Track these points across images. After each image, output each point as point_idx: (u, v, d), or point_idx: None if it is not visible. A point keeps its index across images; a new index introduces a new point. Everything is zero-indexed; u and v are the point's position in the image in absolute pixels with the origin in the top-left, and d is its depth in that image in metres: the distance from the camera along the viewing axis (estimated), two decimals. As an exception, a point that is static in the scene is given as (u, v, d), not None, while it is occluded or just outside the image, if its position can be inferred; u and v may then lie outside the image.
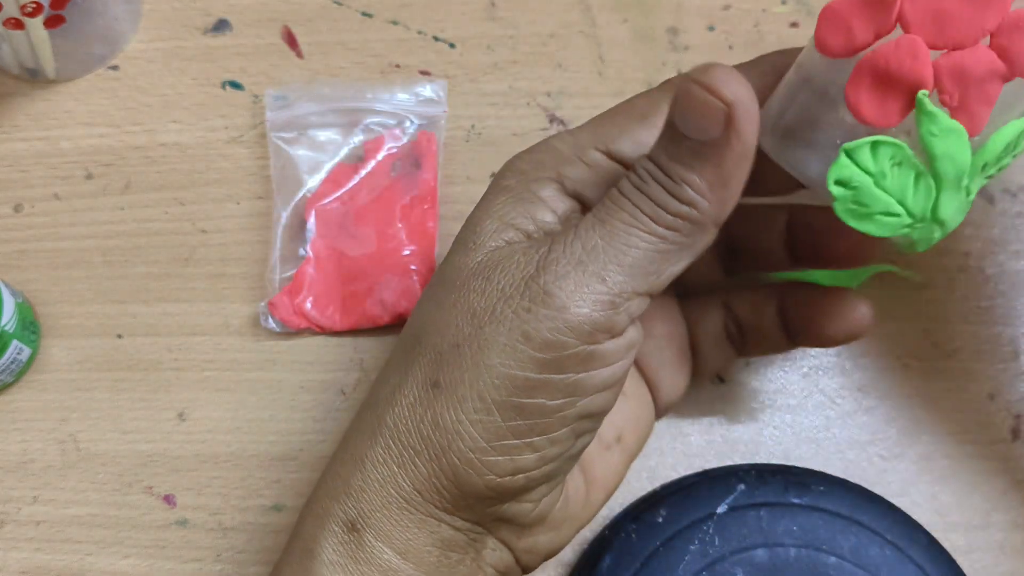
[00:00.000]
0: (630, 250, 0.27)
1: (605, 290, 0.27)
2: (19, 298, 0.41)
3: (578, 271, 0.27)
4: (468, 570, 0.31)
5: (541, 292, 0.27)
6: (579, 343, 0.27)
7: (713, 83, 0.26)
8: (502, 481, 0.29)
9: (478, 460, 0.28)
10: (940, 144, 0.27)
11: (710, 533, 0.37)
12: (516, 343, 0.27)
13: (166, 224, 0.44)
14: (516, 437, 0.28)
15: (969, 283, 0.43)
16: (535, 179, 0.30)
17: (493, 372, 0.28)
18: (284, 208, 0.43)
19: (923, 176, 0.28)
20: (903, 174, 0.28)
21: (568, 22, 0.47)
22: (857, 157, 0.27)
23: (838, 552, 0.37)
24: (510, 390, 0.28)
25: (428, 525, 0.29)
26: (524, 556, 0.32)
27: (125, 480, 0.41)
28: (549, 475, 0.30)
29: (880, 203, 0.28)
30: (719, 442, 0.41)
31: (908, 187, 0.28)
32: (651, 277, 0.28)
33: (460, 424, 0.28)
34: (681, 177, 0.27)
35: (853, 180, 0.28)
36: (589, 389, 0.28)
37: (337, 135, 0.44)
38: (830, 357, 0.42)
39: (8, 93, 0.46)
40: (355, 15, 0.47)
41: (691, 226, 0.28)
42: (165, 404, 0.42)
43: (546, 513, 0.31)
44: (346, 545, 0.29)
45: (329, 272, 0.43)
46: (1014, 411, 0.41)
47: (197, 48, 0.47)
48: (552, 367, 0.28)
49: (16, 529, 0.41)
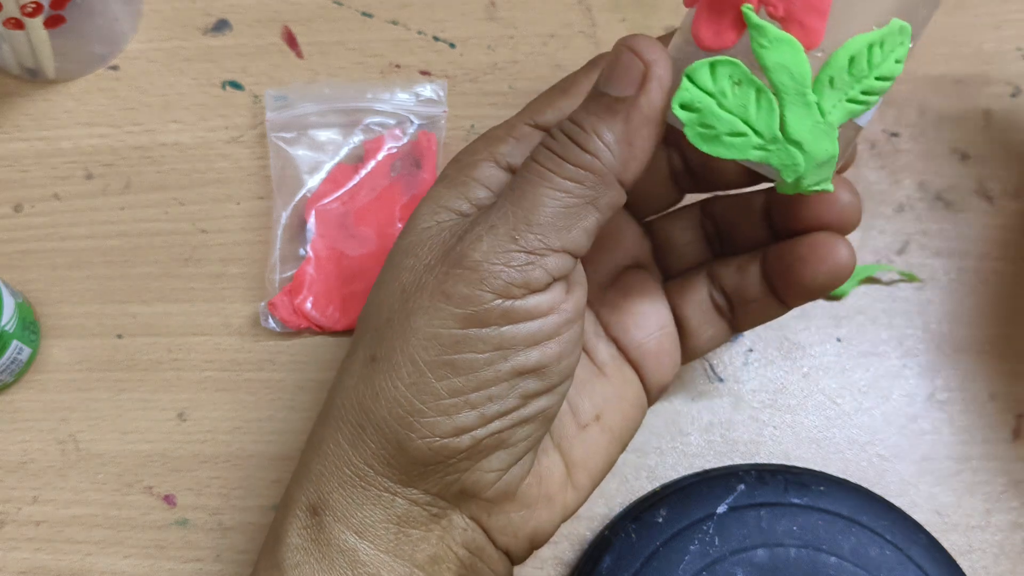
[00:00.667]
0: (537, 208, 0.29)
1: (516, 248, 0.28)
2: (19, 298, 0.41)
3: (491, 234, 0.29)
4: (433, 548, 0.31)
5: (458, 255, 0.29)
6: (495, 297, 0.28)
7: (637, 46, 0.29)
8: (446, 442, 0.29)
9: (417, 423, 0.29)
10: (771, 55, 0.27)
11: (710, 533, 0.37)
12: (437, 304, 0.29)
13: (166, 224, 0.44)
14: (451, 395, 0.29)
15: (969, 283, 0.43)
16: (468, 163, 0.32)
17: (419, 334, 0.29)
18: (284, 208, 0.43)
19: (763, 92, 0.28)
20: (744, 92, 0.28)
21: (568, 22, 0.47)
22: (697, 79, 0.28)
23: (838, 552, 0.37)
24: (437, 348, 0.29)
25: (383, 501, 0.30)
26: (500, 537, 0.32)
27: (125, 480, 0.41)
28: (502, 439, 0.30)
29: (724, 123, 0.28)
30: (719, 442, 0.41)
31: (750, 104, 0.28)
32: (562, 233, 0.29)
33: (396, 391, 0.29)
34: (592, 127, 0.29)
35: (695, 102, 0.28)
36: (517, 342, 0.29)
37: (337, 135, 0.44)
38: (830, 357, 0.42)
39: (8, 93, 0.46)
40: (355, 15, 0.47)
41: (594, 178, 0.29)
42: (165, 404, 0.42)
43: (512, 487, 0.31)
44: (309, 529, 0.30)
45: (329, 272, 0.43)
46: (1014, 411, 0.41)
47: (197, 48, 0.47)
48: (473, 321, 0.28)
49: (16, 529, 0.41)
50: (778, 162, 0.29)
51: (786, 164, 0.29)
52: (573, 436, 0.34)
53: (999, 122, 0.45)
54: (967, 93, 0.46)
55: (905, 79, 0.46)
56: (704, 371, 0.42)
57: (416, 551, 0.30)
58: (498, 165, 0.31)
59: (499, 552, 0.32)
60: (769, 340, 0.43)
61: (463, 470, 0.30)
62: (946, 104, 0.46)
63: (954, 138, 0.45)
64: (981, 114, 0.45)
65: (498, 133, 0.32)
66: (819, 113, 0.28)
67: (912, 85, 0.46)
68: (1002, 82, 0.46)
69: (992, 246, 0.43)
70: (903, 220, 0.44)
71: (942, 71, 0.46)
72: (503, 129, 0.32)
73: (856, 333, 0.42)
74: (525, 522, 0.32)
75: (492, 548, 0.32)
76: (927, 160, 0.45)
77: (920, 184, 0.44)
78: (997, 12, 0.47)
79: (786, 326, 0.43)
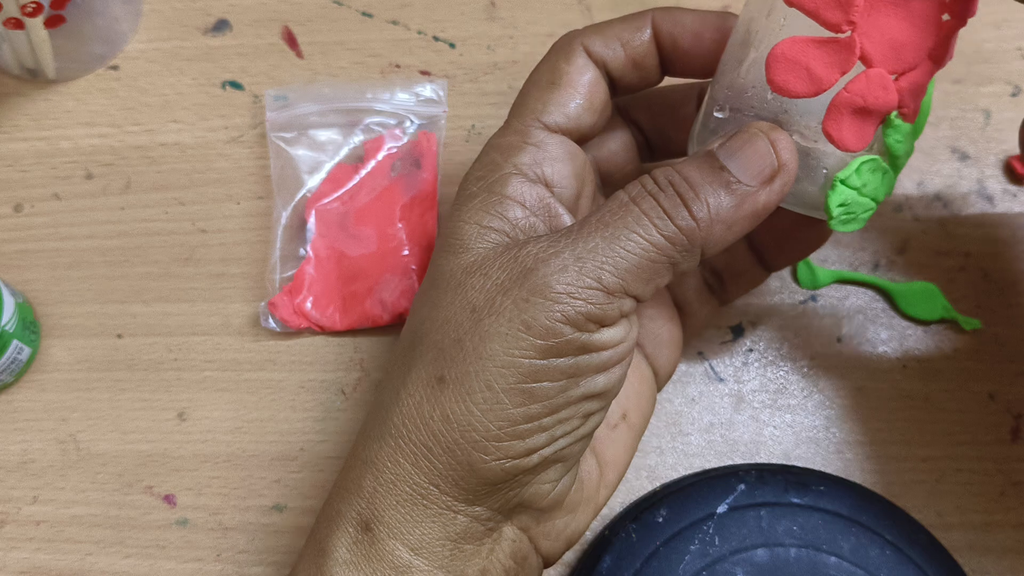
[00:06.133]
0: (628, 254, 0.29)
1: (599, 287, 0.29)
2: (19, 298, 0.42)
3: (576, 266, 0.29)
4: (483, 562, 0.31)
5: (540, 284, 0.29)
6: (574, 331, 0.29)
7: (778, 142, 0.30)
8: (517, 463, 0.29)
9: (493, 447, 0.29)
10: (903, 146, 0.32)
11: (710, 533, 0.37)
12: (517, 332, 0.29)
13: (166, 224, 0.44)
14: (526, 421, 0.29)
15: (969, 283, 0.43)
16: (495, 180, 0.32)
17: (497, 361, 0.29)
18: (284, 208, 0.43)
19: (888, 172, 0.32)
20: (877, 178, 0.32)
21: (568, 22, 0.47)
22: (850, 182, 0.31)
23: (838, 552, 0.37)
24: (516, 377, 0.29)
25: (443, 518, 0.30)
26: (544, 542, 0.33)
27: (125, 480, 0.41)
28: (563, 455, 0.31)
29: (863, 207, 0.32)
30: (719, 442, 0.41)
31: (881, 185, 0.32)
32: (640, 284, 0.29)
33: (471, 415, 0.29)
34: (705, 197, 0.29)
35: (847, 200, 0.31)
36: (589, 370, 0.30)
37: (337, 135, 0.44)
38: (830, 357, 0.42)
39: (8, 93, 0.46)
40: (355, 15, 0.47)
41: (687, 243, 0.29)
42: (165, 404, 0.42)
43: (563, 496, 0.32)
44: (359, 544, 0.30)
45: (329, 272, 0.43)
46: (1014, 411, 0.41)
47: (197, 48, 0.47)
48: (552, 352, 0.29)
49: (16, 529, 0.41)
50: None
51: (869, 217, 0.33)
52: (605, 437, 0.35)
53: (999, 122, 0.45)
54: (967, 93, 0.46)
55: (905, 79, 0.46)
56: (704, 371, 0.42)
57: (467, 566, 0.31)
58: (526, 178, 0.31)
59: (538, 558, 0.33)
60: (769, 340, 0.43)
61: (524, 484, 0.30)
62: (946, 104, 0.46)
63: (954, 138, 0.45)
64: (981, 114, 0.45)
65: (512, 141, 0.32)
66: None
67: (912, 85, 0.46)
68: (1002, 82, 0.46)
69: (992, 246, 0.43)
70: (903, 220, 0.44)
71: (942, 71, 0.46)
72: (515, 135, 0.32)
73: (856, 333, 0.42)
74: (567, 526, 0.33)
75: (535, 555, 0.33)
76: (927, 160, 0.45)
77: (920, 184, 0.44)
78: (997, 12, 0.47)
79: (786, 326, 0.43)
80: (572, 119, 0.33)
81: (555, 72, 0.33)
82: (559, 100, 0.32)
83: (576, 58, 0.33)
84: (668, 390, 0.42)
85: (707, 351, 0.43)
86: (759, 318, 0.43)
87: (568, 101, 0.32)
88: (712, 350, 0.42)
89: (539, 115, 0.32)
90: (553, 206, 0.32)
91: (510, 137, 0.32)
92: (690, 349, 0.42)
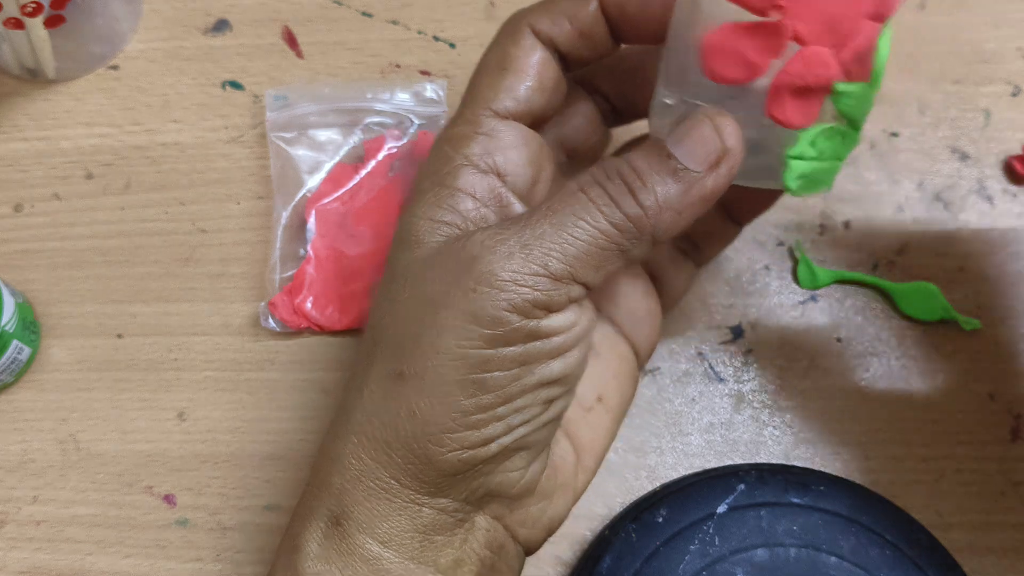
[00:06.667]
0: (575, 241, 0.29)
1: (546, 273, 0.29)
2: (19, 298, 0.42)
3: (522, 253, 0.29)
4: (456, 552, 0.31)
5: (486, 273, 0.29)
6: (521, 318, 0.29)
7: (721, 127, 0.30)
8: (474, 452, 0.29)
9: (447, 439, 0.29)
10: (858, 107, 0.30)
11: (710, 533, 0.37)
12: (465, 323, 0.29)
13: (166, 224, 0.44)
14: (480, 411, 0.29)
15: (969, 283, 0.43)
16: (446, 173, 0.31)
17: (450, 354, 0.29)
18: (284, 208, 0.43)
19: (848, 134, 0.31)
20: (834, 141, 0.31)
21: (568, 22, 0.47)
22: (805, 155, 0.30)
23: (838, 552, 0.37)
24: (467, 368, 0.29)
25: (409, 511, 0.30)
26: (521, 530, 0.33)
27: (125, 480, 0.41)
28: (526, 443, 0.30)
29: (829, 172, 0.31)
30: (719, 442, 0.41)
31: (840, 147, 0.31)
32: (589, 271, 0.29)
33: (427, 409, 0.29)
34: (652, 185, 0.29)
35: (804, 172, 0.31)
36: (541, 357, 0.29)
37: (337, 135, 0.44)
38: (830, 357, 0.42)
39: (8, 93, 0.46)
40: (355, 15, 0.47)
41: (635, 232, 0.29)
42: (165, 404, 0.42)
43: (534, 482, 0.32)
44: (330, 539, 0.30)
45: (329, 272, 0.43)
46: (1014, 411, 0.41)
47: (197, 48, 0.47)
48: (500, 341, 0.29)
49: (16, 529, 0.41)
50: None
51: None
52: (579, 421, 0.35)
53: (999, 122, 0.45)
54: (967, 93, 0.46)
55: (905, 79, 0.46)
56: (704, 371, 0.42)
57: (440, 556, 0.31)
58: (477, 169, 0.31)
59: (517, 547, 0.33)
60: (769, 340, 0.43)
61: (488, 474, 0.30)
62: (946, 104, 0.46)
63: (954, 138, 0.45)
64: (981, 114, 0.45)
65: (463, 131, 0.32)
66: None
67: (912, 85, 0.46)
68: (1002, 82, 0.46)
69: (992, 246, 0.43)
70: (903, 220, 0.44)
71: (942, 71, 0.46)
72: (466, 126, 0.32)
73: (856, 333, 0.42)
74: (543, 512, 0.33)
75: (512, 544, 0.33)
76: (927, 160, 0.45)
77: (920, 184, 0.44)
78: (997, 12, 0.47)
79: (786, 326, 0.43)
80: (523, 103, 0.32)
81: (503, 56, 0.32)
82: (508, 85, 0.32)
83: (523, 40, 0.32)
84: (668, 390, 0.42)
85: (707, 351, 0.43)
86: (759, 318, 0.43)
87: (518, 85, 0.32)
88: (712, 350, 0.42)
89: (489, 103, 0.32)
90: (504, 196, 0.31)
91: (461, 127, 0.32)
92: (690, 349, 0.42)
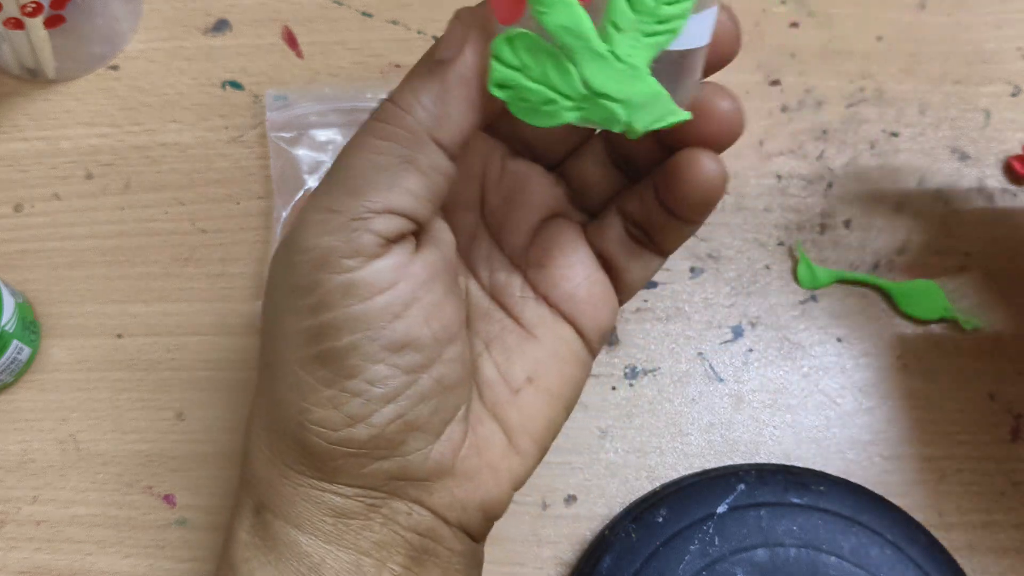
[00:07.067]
0: (351, 170, 0.28)
1: (336, 215, 0.27)
2: (19, 298, 0.41)
3: (314, 208, 0.28)
4: (378, 535, 0.30)
5: (292, 241, 0.28)
6: (330, 274, 0.27)
7: (463, 16, 0.28)
8: (341, 435, 0.28)
9: (307, 421, 0.28)
10: (551, 19, 0.27)
11: (710, 533, 0.37)
12: (292, 298, 0.28)
13: (166, 224, 0.44)
14: (326, 385, 0.28)
15: (969, 282, 0.43)
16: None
17: (288, 334, 0.28)
18: (285, 207, 0.43)
19: (557, 56, 0.28)
20: (541, 60, 0.28)
21: (568, 22, 0.47)
22: (503, 56, 0.28)
23: (838, 552, 0.37)
24: (300, 344, 0.28)
25: (313, 497, 0.30)
26: (450, 513, 0.31)
27: (125, 480, 0.41)
28: (408, 422, 0.29)
29: (536, 93, 0.28)
30: (719, 442, 0.41)
31: (550, 70, 0.28)
32: (383, 192, 0.27)
33: (282, 393, 0.29)
34: (410, 86, 0.28)
35: (508, 80, 0.28)
36: (373, 319, 0.28)
37: (338, 135, 0.44)
38: (830, 357, 0.42)
39: (8, 93, 0.46)
40: (355, 15, 0.47)
41: (406, 135, 0.28)
42: (165, 404, 0.42)
43: (446, 463, 0.30)
44: (256, 527, 0.30)
45: (329, 272, 0.43)
46: (1014, 411, 0.41)
47: (197, 48, 0.47)
48: (321, 308, 0.27)
49: (16, 529, 0.41)
50: (597, 117, 0.29)
51: (605, 117, 0.29)
52: (507, 402, 0.33)
53: (999, 122, 0.45)
54: (967, 93, 0.46)
55: (905, 78, 0.46)
56: (704, 371, 0.42)
57: (359, 539, 0.30)
58: None
59: (452, 529, 0.31)
60: (769, 340, 0.43)
61: (380, 458, 0.29)
62: (946, 104, 0.46)
63: (954, 138, 0.45)
64: (981, 114, 0.45)
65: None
66: (616, 60, 0.28)
67: (912, 85, 0.46)
68: (1002, 82, 0.46)
69: (992, 245, 0.43)
70: (903, 219, 0.44)
71: (942, 71, 0.46)
72: None
73: (856, 333, 0.42)
74: (471, 494, 0.31)
75: (444, 527, 0.31)
76: (927, 160, 0.45)
77: (920, 183, 0.44)
78: (997, 12, 0.47)
79: (786, 326, 0.43)
80: None
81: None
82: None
83: None
84: (668, 390, 0.42)
85: (707, 351, 0.42)
86: (759, 318, 0.43)
87: None
88: (712, 350, 0.42)
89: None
90: None
91: None
92: (690, 349, 0.42)
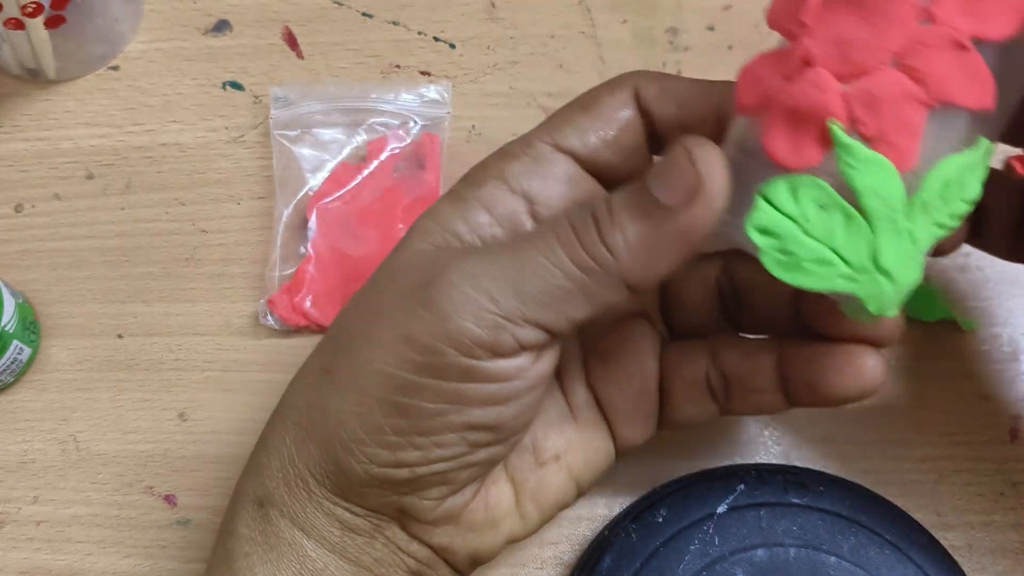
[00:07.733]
0: (533, 278, 0.27)
1: (493, 309, 0.27)
2: (19, 298, 0.41)
3: (471, 284, 0.27)
4: (379, 553, 0.30)
5: (432, 297, 0.27)
6: (457, 354, 0.27)
7: (694, 152, 0.26)
8: (383, 471, 0.28)
9: (358, 449, 0.28)
10: (861, 177, 0.25)
11: (710, 533, 0.37)
12: (398, 343, 0.27)
13: (167, 224, 0.44)
14: (396, 434, 0.28)
15: (968, 283, 0.43)
16: (475, 181, 0.30)
17: (374, 368, 0.28)
18: (286, 206, 0.43)
19: (853, 218, 0.25)
20: (829, 217, 0.26)
21: (568, 23, 0.47)
22: (776, 200, 0.25)
23: (838, 552, 0.37)
24: (389, 388, 0.28)
25: (323, 507, 0.30)
26: (442, 554, 0.31)
27: (126, 480, 0.41)
28: (446, 478, 0.29)
29: (808, 250, 0.26)
30: (719, 442, 0.41)
31: (837, 230, 0.26)
32: (548, 313, 0.27)
33: (342, 413, 0.28)
34: (620, 221, 0.27)
35: (775, 227, 0.25)
36: (473, 400, 0.28)
37: (340, 134, 0.44)
38: (830, 357, 0.42)
39: (8, 93, 0.46)
40: (355, 15, 0.47)
41: (602, 275, 0.27)
42: (166, 404, 0.42)
43: (454, 513, 0.31)
44: (256, 521, 0.30)
45: (330, 272, 0.43)
46: (1013, 412, 0.41)
47: (197, 48, 0.47)
48: (430, 372, 0.27)
49: (16, 529, 0.41)
50: (865, 293, 0.26)
51: (873, 295, 0.26)
52: (530, 470, 0.33)
53: (998, 123, 0.45)
54: (966, 94, 0.46)
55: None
56: (704, 371, 0.42)
57: (362, 554, 0.30)
58: (508, 186, 0.30)
59: (449, 567, 0.32)
60: (769, 340, 0.43)
61: (401, 494, 0.29)
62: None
63: (953, 139, 0.45)
64: (980, 115, 0.45)
65: (513, 149, 0.31)
66: (911, 240, 0.26)
67: (911, 86, 0.46)
68: (1001, 83, 0.46)
69: (991, 247, 0.44)
70: (902, 221, 0.44)
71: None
72: (519, 145, 0.31)
73: (856, 333, 0.43)
74: (468, 543, 0.31)
75: (442, 564, 0.32)
76: (926, 161, 0.45)
77: (919, 185, 0.44)
78: (996, 14, 0.47)
79: (786, 326, 0.43)
80: (588, 147, 0.30)
81: (591, 97, 0.31)
82: (580, 124, 0.30)
83: (620, 92, 0.31)
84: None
85: (707, 351, 0.43)
86: (759, 318, 0.43)
87: (590, 128, 0.30)
88: (712, 350, 0.42)
89: (553, 131, 0.30)
90: (524, 222, 0.30)
91: (514, 145, 0.31)
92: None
